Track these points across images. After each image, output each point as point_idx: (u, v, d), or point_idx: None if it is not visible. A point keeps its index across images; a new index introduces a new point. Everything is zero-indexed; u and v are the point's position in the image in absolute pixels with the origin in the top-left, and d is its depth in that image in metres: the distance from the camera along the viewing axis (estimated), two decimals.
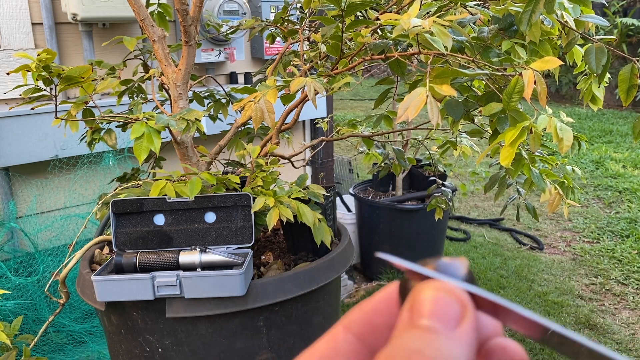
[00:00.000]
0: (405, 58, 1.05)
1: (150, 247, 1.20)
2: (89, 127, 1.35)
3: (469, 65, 1.03)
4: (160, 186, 1.17)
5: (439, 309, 0.22)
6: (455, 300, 0.23)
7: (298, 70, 1.36)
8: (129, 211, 1.19)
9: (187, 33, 1.28)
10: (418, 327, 0.22)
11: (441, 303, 0.22)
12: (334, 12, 1.21)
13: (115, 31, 2.17)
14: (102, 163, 2.03)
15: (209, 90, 1.64)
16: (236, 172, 1.44)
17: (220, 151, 1.42)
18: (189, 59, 1.31)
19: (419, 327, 0.22)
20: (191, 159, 1.33)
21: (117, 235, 1.19)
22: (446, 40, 0.92)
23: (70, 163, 2.01)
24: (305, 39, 1.37)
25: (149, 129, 1.04)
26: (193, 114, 1.12)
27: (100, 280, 1.09)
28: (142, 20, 1.27)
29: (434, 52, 0.95)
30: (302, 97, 1.27)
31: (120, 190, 1.29)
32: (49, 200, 2.01)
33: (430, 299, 0.22)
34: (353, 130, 1.63)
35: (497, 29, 1.11)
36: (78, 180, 2.02)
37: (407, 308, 0.23)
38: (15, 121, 1.86)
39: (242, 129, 1.55)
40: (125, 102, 1.64)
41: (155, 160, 1.59)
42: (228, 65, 2.58)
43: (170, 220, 1.21)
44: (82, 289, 1.22)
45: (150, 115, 1.07)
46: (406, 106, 0.95)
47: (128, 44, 1.37)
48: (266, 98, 1.01)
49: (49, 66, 1.11)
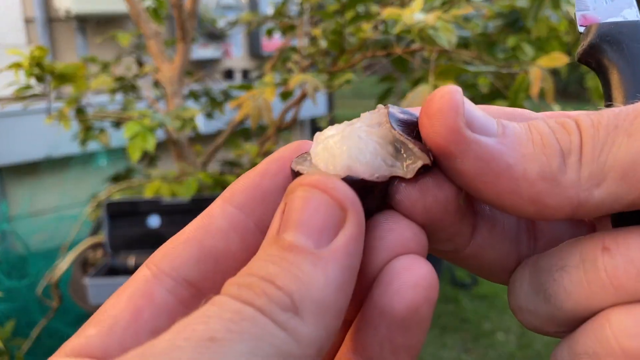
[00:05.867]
0: (408, 54, 1.02)
1: (144, 248, 1.18)
2: (82, 126, 1.32)
3: (474, 62, 1.00)
4: (155, 186, 1.14)
5: (308, 217, 0.17)
6: (331, 204, 0.17)
7: (297, 67, 1.33)
8: (123, 212, 1.17)
9: (183, 29, 1.25)
10: (280, 243, 0.16)
11: (311, 209, 0.17)
12: (334, 6, 1.18)
13: (109, 27, 2.14)
14: (94, 163, 2.00)
15: (205, 88, 1.61)
16: (233, 172, 1.41)
17: (216, 150, 1.38)
18: (184, 55, 1.27)
19: (280, 243, 0.16)
20: (187, 158, 1.30)
21: (111, 237, 1.17)
22: (450, 35, 0.89)
23: (62, 163, 1.98)
24: (304, 34, 1.34)
25: (143, 127, 1.01)
26: (189, 112, 1.09)
27: (94, 283, 1.06)
28: (137, 15, 1.23)
29: (437, 48, 0.92)
30: (302, 95, 1.24)
31: (114, 191, 1.26)
32: (41, 200, 1.97)
33: (299, 204, 0.17)
34: None
35: (503, 25, 1.08)
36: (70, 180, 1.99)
37: (279, 211, 0.18)
38: (6, 120, 1.82)
39: (240, 128, 1.52)
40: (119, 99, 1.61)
41: (149, 159, 1.56)
42: (225, 62, 2.54)
43: (165, 221, 1.18)
44: (75, 292, 1.19)
45: (145, 114, 1.04)
46: (409, 104, 0.92)
47: (122, 40, 1.33)
48: (263, 95, 0.97)
49: (41, 63, 1.08)
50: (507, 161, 0.17)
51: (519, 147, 0.18)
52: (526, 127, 0.18)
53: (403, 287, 0.17)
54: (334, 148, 0.19)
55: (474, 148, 0.17)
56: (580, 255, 0.18)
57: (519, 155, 0.17)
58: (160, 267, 0.19)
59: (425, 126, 0.18)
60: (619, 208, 0.17)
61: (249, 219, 0.19)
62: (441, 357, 1.72)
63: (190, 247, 0.19)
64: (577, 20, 0.23)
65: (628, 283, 0.17)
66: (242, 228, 0.19)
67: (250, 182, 0.20)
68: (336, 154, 0.19)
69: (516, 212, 0.18)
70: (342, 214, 0.17)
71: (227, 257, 0.19)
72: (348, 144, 0.18)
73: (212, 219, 0.19)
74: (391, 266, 0.18)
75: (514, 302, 0.21)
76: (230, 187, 0.20)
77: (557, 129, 0.18)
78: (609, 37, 0.21)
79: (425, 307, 0.17)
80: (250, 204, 0.19)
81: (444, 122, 0.17)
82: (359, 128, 0.19)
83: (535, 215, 0.18)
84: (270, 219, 0.18)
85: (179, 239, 0.19)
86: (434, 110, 0.18)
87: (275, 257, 0.16)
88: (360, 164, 0.18)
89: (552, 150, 0.17)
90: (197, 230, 0.19)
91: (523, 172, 0.17)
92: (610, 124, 0.17)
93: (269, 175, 0.20)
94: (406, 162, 0.19)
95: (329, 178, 0.17)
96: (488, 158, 0.17)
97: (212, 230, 0.19)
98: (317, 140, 0.19)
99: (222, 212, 0.19)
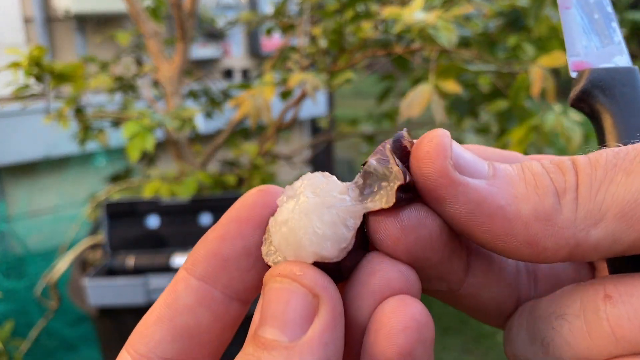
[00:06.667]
0: (408, 54, 1.01)
1: (144, 249, 1.17)
2: (81, 125, 1.31)
3: (475, 61, 1.00)
4: (154, 186, 1.14)
5: (281, 310, 0.16)
6: (302, 292, 0.16)
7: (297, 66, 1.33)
8: (122, 213, 1.16)
9: (183, 28, 1.25)
10: (256, 341, 0.16)
11: (283, 300, 0.16)
12: (334, 6, 1.17)
13: (108, 27, 2.13)
14: (93, 163, 1.99)
15: (204, 87, 1.60)
16: (233, 171, 1.41)
17: (216, 150, 1.38)
18: (184, 54, 1.27)
19: (257, 341, 0.16)
20: (186, 158, 1.29)
21: (110, 237, 1.16)
22: (451, 35, 0.88)
23: (61, 163, 1.97)
24: (304, 34, 1.33)
25: (143, 127, 1.00)
26: (188, 111, 1.09)
27: (92, 283, 1.06)
28: (136, 15, 1.23)
29: (438, 47, 0.91)
30: (302, 94, 1.23)
31: (113, 191, 1.26)
32: (40, 201, 1.97)
33: (273, 296, 0.17)
34: (354, 129, 1.60)
35: (503, 24, 1.08)
36: (69, 181, 1.99)
37: (258, 305, 0.18)
38: (5, 120, 1.81)
39: (240, 127, 1.51)
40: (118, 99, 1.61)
41: (148, 159, 1.56)
42: (224, 61, 2.54)
43: (164, 221, 1.18)
44: (74, 292, 1.18)
45: (144, 113, 1.04)
46: (410, 103, 0.91)
47: (121, 39, 1.33)
48: (262, 95, 0.97)
49: (40, 63, 1.07)
50: (498, 202, 0.17)
51: (510, 187, 0.17)
52: (519, 167, 0.18)
53: (392, 333, 0.16)
54: (290, 238, 0.18)
55: (463, 190, 0.17)
56: (581, 303, 0.17)
57: (511, 196, 0.17)
58: (138, 350, 0.19)
59: (414, 169, 0.18)
60: (618, 250, 0.17)
61: (214, 288, 0.19)
62: (442, 358, 1.72)
63: (162, 327, 0.19)
64: (569, 66, 0.23)
65: (632, 334, 0.16)
66: (209, 300, 0.19)
67: (209, 250, 0.19)
68: (296, 243, 0.18)
69: (511, 255, 0.18)
70: (315, 301, 0.16)
71: (200, 331, 0.19)
72: (303, 230, 0.18)
73: (177, 295, 0.19)
74: (378, 311, 0.17)
75: (510, 349, 0.20)
76: (191, 255, 0.19)
77: (551, 168, 0.17)
78: (601, 83, 0.22)
79: (420, 349, 0.16)
80: (212, 273, 0.19)
81: (432, 165, 0.17)
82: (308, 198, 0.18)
83: (532, 258, 0.17)
84: (235, 284, 0.19)
85: (150, 319, 0.19)
86: (422, 153, 0.17)
87: (252, 357, 0.16)
88: (325, 249, 0.18)
89: (545, 190, 0.17)
90: (166, 308, 0.19)
91: (516, 212, 0.17)
92: (609, 163, 0.17)
93: (228, 240, 0.19)
94: (381, 193, 0.18)
95: (296, 265, 0.17)
96: (479, 200, 0.17)
97: (179, 308, 0.19)
98: (274, 227, 0.19)
99: (186, 287, 0.19)
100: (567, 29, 0.23)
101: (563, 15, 0.23)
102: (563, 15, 0.23)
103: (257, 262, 0.19)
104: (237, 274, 0.19)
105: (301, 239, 0.18)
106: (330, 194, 0.18)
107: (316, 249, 0.18)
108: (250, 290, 0.19)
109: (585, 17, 0.23)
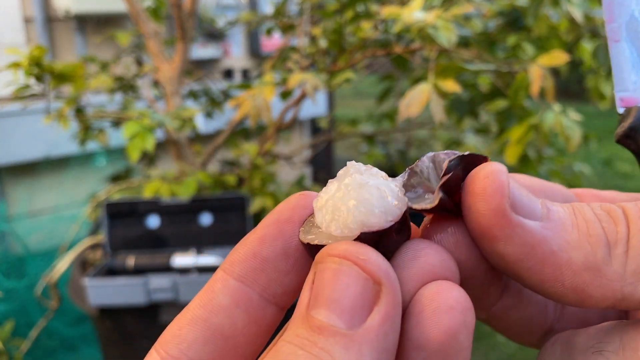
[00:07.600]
0: (408, 53, 1.01)
1: (144, 249, 1.17)
2: (81, 125, 1.31)
3: (474, 60, 1.00)
4: (154, 186, 1.14)
5: (339, 293, 0.15)
6: (363, 278, 0.16)
7: (297, 66, 1.33)
8: (122, 213, 1.16)
9: (183, 28, 1.25)
10: (310, 323, 0.15)
11: (342, 284, 0.16)
12: (333, 6, 1.17)
13: (108, 27, 2.13)
14: (93, 163, 1.99)
15: (204, 87, 1.60)
16: (233, 171, 1.41)
17: (216, 150, 1.38)
18: (184, 54, 1.27)
19: (310, 323, 0.15)
20: (186, 158, 1.30)
21: (110, 237, 1.16)
22: (450, 34, 0.88)
23: (61, 163, 1.97)
24: (304, 34, 1.33)
25: (143, 127, 1.00)
26: (188, 111, 1.09)
27: (93, 283, 1.06)
28: (136, 15, 1.23)
29: (437, 47, 0.91)
30: (301, 94, 1.23)
31: (113, 191, 1.26)
32: (40, 200, 1.97)
33: (329, 277, 0.16)
34: (354, 129, 1.60)
35: (503, 24, 1.08)
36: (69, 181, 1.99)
37: (308, 282, 0.17)
38: (5, 120, 1.81)
39: (240, 127, 1.52)
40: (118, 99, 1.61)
41: (149, 159, 1.56)
42: (224, 61, 2.54)
43: (165, 221, 1.18)
44: (74, 292, 1.18)
45: (144, 113, 1.04)
46: (409, 103, 0.91)
47: (121, 39, 1.33)
48: (263, 95, 0.97)
49: (40, 63, 1.07)
50: (551, 247, 0.17)
51: (563, 233, 0.17)
52: (570, 211, 0.18)
53: (437, 312, 0.16)
54: (336, 211, 0.18)
55: (519, 232, 0.17)
56: (621, 340, 0.17)
57: (564, 242, 0.17)
58: (169, 351, 0.18)
59: (468, 205, 0.17)
60: None
61: (252, 290, 0.19)
62: None
63: (196, 327, 0.18)
64: (616, 101, 0.22)
65: None
66: (246, 302, 0.18)
67: (249, 250, 0.19)
68: (343, 214, 0.18)
69: (555, 299, 0.18)
70: (377, 288, 0.16)
71: (235, 334, 0.18)
72: (353, 198, 0.18)
73: (214, 294, 0.18)
74: (420, 294, 0.17)
75: None
76: (230, 256, 0.19)
77: (603, 217, 0.17)
78: None
79: (464, 332, 0.16)
80: (251, 274, 0.19)
81: (488, 203, 0.17)
82: (354, 177, 0.18)
83: (577, 303, 0.17)
84: (273, 287, 0.18)
85: (184, 318, 0.19)
86: (478, 189, 0.17)
87: (305, 340, 0.15)
88: (373, 215, 0.17)
89: (597, 240, 0.17)
90: (201, 309, 0.18)
91: (568, 260, 0.17)
92: None
93: (268, 241, 0.19)
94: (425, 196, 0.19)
95: (360, 248, 0.16)
96: (533, 243, 0.17)
97: (215, 308, 0.18)
98: (318, 206, 0.19)
99: (223, 287, 0.19)
100: (616, 63, 0.22)
101: (612, 49, 0.22)
102: (612, 48, 0.22)
103: (296, 264, 0.19)
104: (275, 275, 0.18)
105: (348, 209, 0.17)
106: (377, 176, 0.18)
107: (364, 217, 0.17)
108: (288, 295, 0.19)
109: (635, 51, 0.22)
